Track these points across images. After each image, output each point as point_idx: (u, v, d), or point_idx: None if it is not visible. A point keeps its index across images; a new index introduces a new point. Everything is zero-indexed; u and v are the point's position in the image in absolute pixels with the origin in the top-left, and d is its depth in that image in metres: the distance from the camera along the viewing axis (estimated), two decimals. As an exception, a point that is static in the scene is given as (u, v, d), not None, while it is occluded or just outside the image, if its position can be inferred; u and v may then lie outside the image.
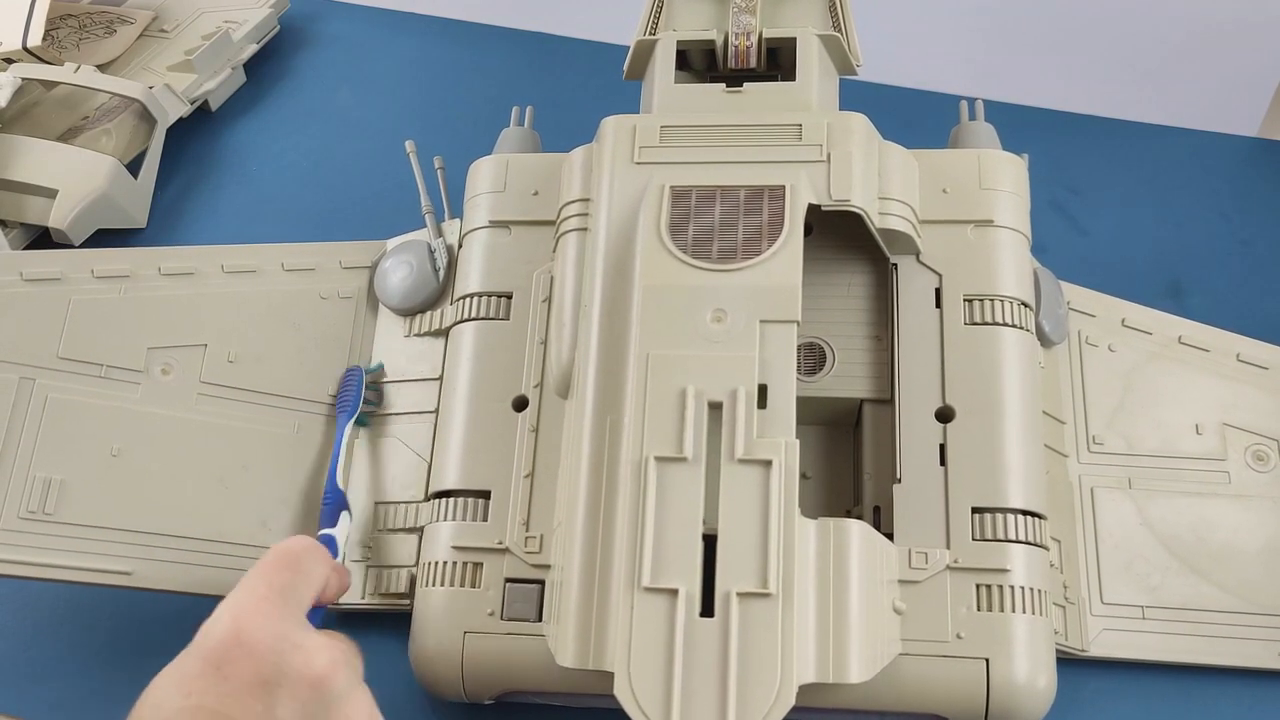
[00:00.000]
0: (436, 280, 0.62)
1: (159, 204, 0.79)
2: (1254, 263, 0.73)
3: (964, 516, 0.51)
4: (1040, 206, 0.76)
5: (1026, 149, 0.61)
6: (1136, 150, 0.80)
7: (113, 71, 0.84)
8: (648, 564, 0.46)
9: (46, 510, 0.54)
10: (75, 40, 0.87)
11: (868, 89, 0.81)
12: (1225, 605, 0.56)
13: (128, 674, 0.56)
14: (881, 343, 0.56)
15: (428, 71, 0.88)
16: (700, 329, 0.50)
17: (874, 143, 0.56)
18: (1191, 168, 0.79)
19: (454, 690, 0.52)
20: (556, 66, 0.88)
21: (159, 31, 0.88)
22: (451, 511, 0.54)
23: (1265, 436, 0.59)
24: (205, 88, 0.84)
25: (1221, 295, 0.71)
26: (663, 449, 0.47)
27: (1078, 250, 0.74)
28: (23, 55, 0.81)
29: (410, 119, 0.83)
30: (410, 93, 0.87)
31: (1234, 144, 0.81)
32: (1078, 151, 0.80)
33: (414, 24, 0.93)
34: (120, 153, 0.77)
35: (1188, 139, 0.81)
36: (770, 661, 0.44)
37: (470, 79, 0.87)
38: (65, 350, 0.57)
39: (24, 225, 0.75)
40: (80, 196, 0.74)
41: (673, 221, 0.53)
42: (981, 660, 0.48)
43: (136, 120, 0.79)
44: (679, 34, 0.61)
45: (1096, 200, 0.77)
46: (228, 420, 0.59)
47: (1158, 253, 0.74)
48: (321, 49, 0.91)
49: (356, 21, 0.94)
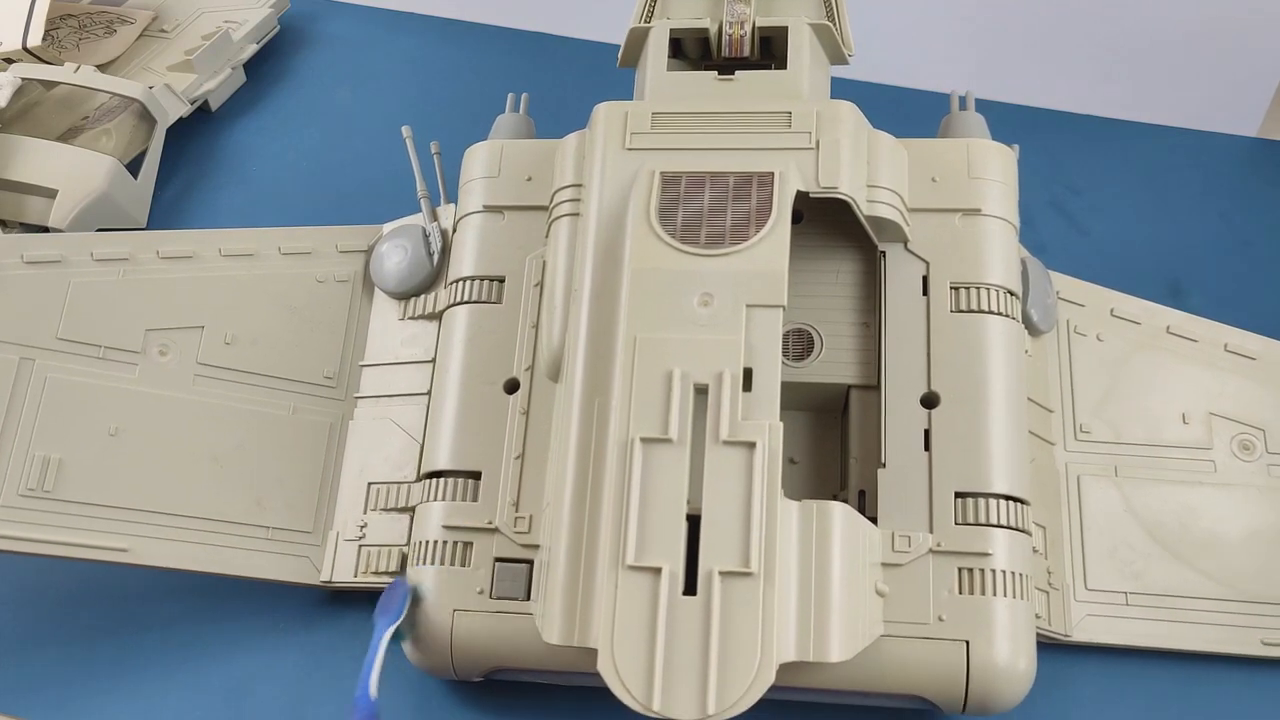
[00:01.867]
0: (431, 264, 0.63)
1: (159, 204, 0.80)
2: (1254, 263, 0.74)
3: (947, 501, 0.52)
4: (1040, 206, 0.76)
5: (1027, 149, 0.62)
6: (1136, 150, 0.80)
7: (113, 71, 0.84)
8: (632, 543, 0.46)
9: (45, 488, 0.55)
10: (75, 40, 0.87)
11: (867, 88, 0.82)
12: (1208, 592, 0.56)
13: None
14: (869, 329, 0.57)
15: (427, 71, 0.89)
16: (687, 312, 0.50)
17: (863, 131, 0.56)
18: (1191, 168, 0.79)
19: (443, 667, 0.53)
20: (556, 66, 0.88)
21: (159, 31, 0.89)
22: (443, 492, 0.55)
23: (1251, 426, 0.60)
24: (205, 88, 0.85)
25: (1221, 295, 0.71)
26: (648, 430, 0.48)
27: (1078, 250, 0.74)
28: (23, 55, 0.82)
29: (410, 118, 0.83)
30: (410, 92, 0.88)
31: (1234, 144, 0.81)
32: (1078, 151, 0.80)
33: (413, 24, 0.93)
34: (120, 153, 0.77)
35: (1188, 139, 0.81)
36: (750, 639, 0.44)
37: (469, 78, 0.88)
38: (65, 331, 0.58)
39: (24, 225, 0.75)
40: (80, 196, 0.75)
41: (662, 207, 0.53)
42: (962, 642, 0.49)
43: (136, 120, 0.79)
44: (673, 22, 0.61)
45: (1096, 200, 0.77)
46: (224, 401, 0.60)
47: (1158, 253, 0.74)
48: (321, 49, 0.92)
49: (356, 21, 0.94)
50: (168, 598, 0.60)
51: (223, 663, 0.58)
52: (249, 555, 0.58)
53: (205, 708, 0.57)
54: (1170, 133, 0.82)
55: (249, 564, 0.57)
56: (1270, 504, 0.58)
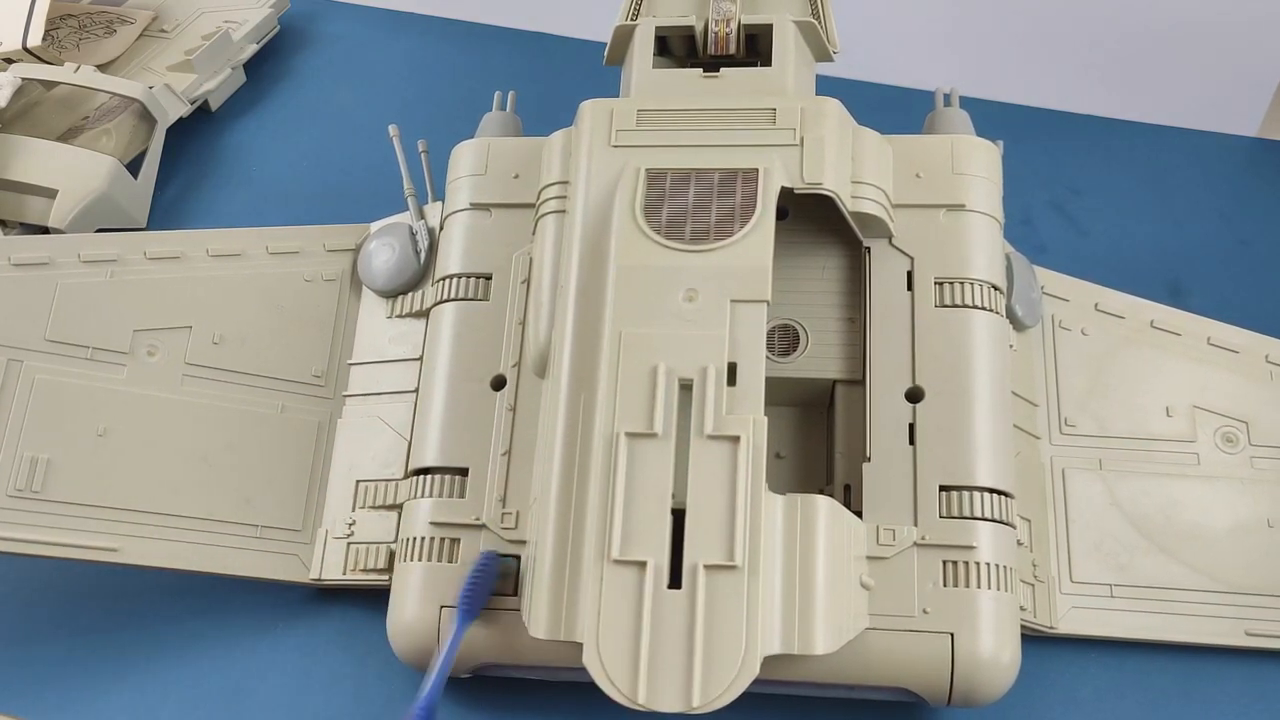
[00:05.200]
0: (418, 262, 0.63)
1: (159, 204, 0.80)
2: (1253, 263, 0.74)
3: (932, 494, 0.52)
4: (1040, 206, 0.77)
5: (1027, 149, 0.62)
6: (1136, 150, 0.81)
7: (113, 71, 0.84)
8: (617, 537, 0.46)
9: (34, 488, 0.55)
10: (75, 40, 0.87)
11: (867, 88, 0.83)
12: (1193, 584, 0.57)
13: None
14: (854, 325, 0.57)
15: (427, 71, 0.89)
16: (672, 308, 0.50)
17: (847, 127, 0.57)
18: (1191, 168, 0.79)
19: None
20: (557, 66, 0.88)
21: (159, 31, 0.89)
22: (430, 488, 0.55)
23: (1234, 419, 0.60)
24: (205, 88, 0.85)
25: (1221, 295, 0.71)
26: (634, 425, 0.48)
27: (1078, 250, 0.74)
28: (23, 55, 0.82)
29: (410, 117, 0.83)
30: (410, 92, 0.88)
31: (1234, 144, 0.82)
32: (1078, 151, 0.80)
33: (413, 24, 0.93)
34: (120, 153, 0.77)
35: (1187, 139, 0.81)
36: (735, 632, 0.45)
37: (469, 78, 0.88)
38: (53, 333, 0.58)
39: (24, 225, 0.75)
40: (80, 196, 0.75)
41: (647, 203, 0.53)
42: (946, 635, 0.49)
43: (136, 120, 0.80)
44: (659, 20, 0.61)
45: (1096, 200, 0.77)
46: (213, 401, 0.60)
47: (1158, 253, 0.74)
48: (321, 49, 0.92)
49: (356, 21, 0.94)
50: (168, 597, 0.60)
51: (223, 662, 0.59)
52: (239, 554, 0.58)
53: (205, 707, 0.57)
54: (1170, 133, 0.82)
55: (239, 562, 0.58)
56: (1253, 496, 0.58)
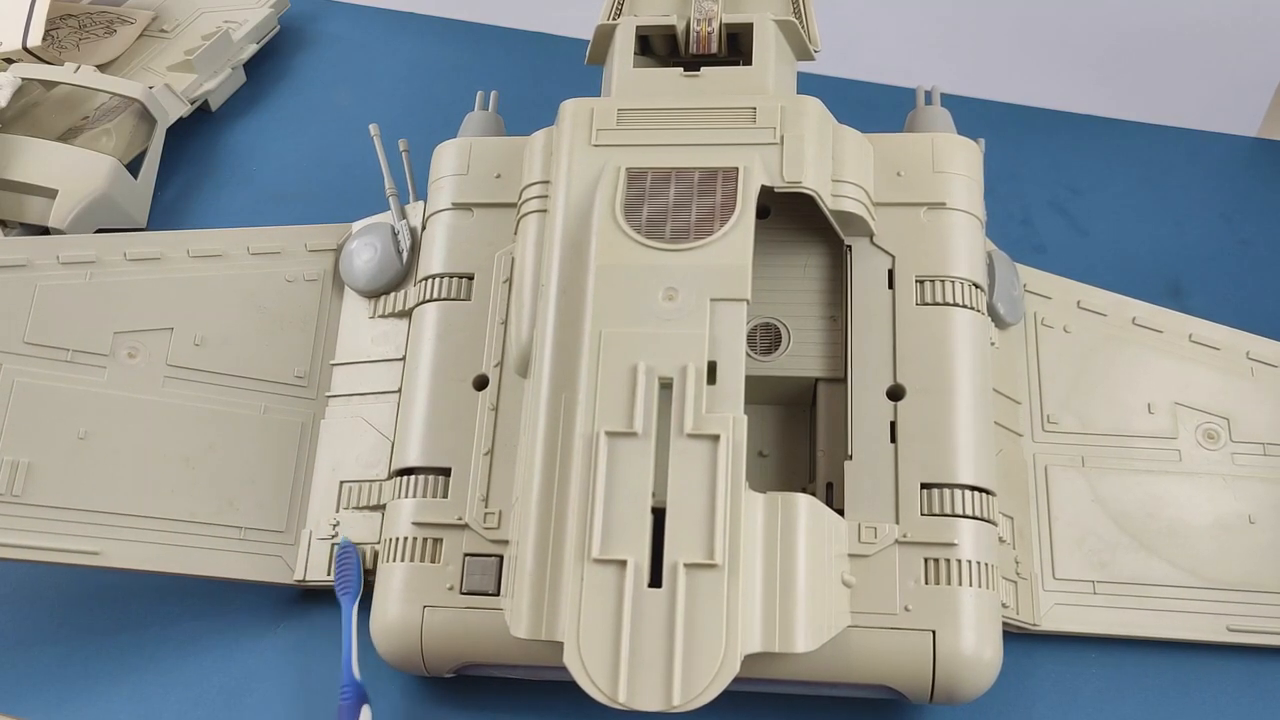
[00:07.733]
0: (400, 262, 0.63)
1: (159, 204, 0.80)
2: (1253, 262, 0.74)
3: (913, 492, 0.52)
4: (1040, 206, 0.77)
5: (1027, 149, 0.62)
6: (1136, 150, 0.81)
7: (113, 71, 0.84)
8: (598, 536, 0.46)
9: (15, 492, 0.55)
10: (75, 40, 0.87)
11: (866, 88, 0.82)
12: (1175, 580, 0.57)
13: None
14: (836, 323, 0.57)
15: (427, 71, 0.89)
16: (652, 307, 0.50)
17: (827, 126, 0.57)
18: (1191, 168, 0.80)
19: (414, 663, 0.53)
20: (557, 65, 0.88)
21: (159, 31, 0.89)
22: (413, 488, 0.55)
23: (1216, 415, 0.60)
24: (205, 88, 0.85)
25: (1221, 295, 0.71)
26: (614, 424, 0.48)
27: (1078, 250, 0.74)
28: (23, 55, 0.81)
29: (410, 118, 0.84)
30: (410, 92, 0.87)
31: (1234, 144, 0.82)
32: (1078, 151, 0.80)
33: (413, 24, 0.93)
34: (120, 153, 0.77)
35: (1187, 139, 0.81)
36: (716, 631, 0.45)
37: (469, 78, 0.87)
38: (32, 335, 0.58)
39: (24, 225, 0.75)
40: (80, 196, 0.74)
41: (627, 202, 0.53)
42: (928, 632, 0.49)
43: (136, 120, 0.79)
44: (640, 19, 0.61)
45: (1096, 200, 0.77)
46: (194, 402, 0.60)
47: (1158, 253, 0.74)
48: (321, 49, 0.92)
49: (356, 21, 0.94)
50: (167, 598, 0.60)
51: (222, 661, 0.58)
52: (222, 556, 0.58)
53: (205, 707, 0.57)
54: (1170, 133, 0.82)
55: (222, 564, 0.57)
56: (1234, 492, 0.58)
